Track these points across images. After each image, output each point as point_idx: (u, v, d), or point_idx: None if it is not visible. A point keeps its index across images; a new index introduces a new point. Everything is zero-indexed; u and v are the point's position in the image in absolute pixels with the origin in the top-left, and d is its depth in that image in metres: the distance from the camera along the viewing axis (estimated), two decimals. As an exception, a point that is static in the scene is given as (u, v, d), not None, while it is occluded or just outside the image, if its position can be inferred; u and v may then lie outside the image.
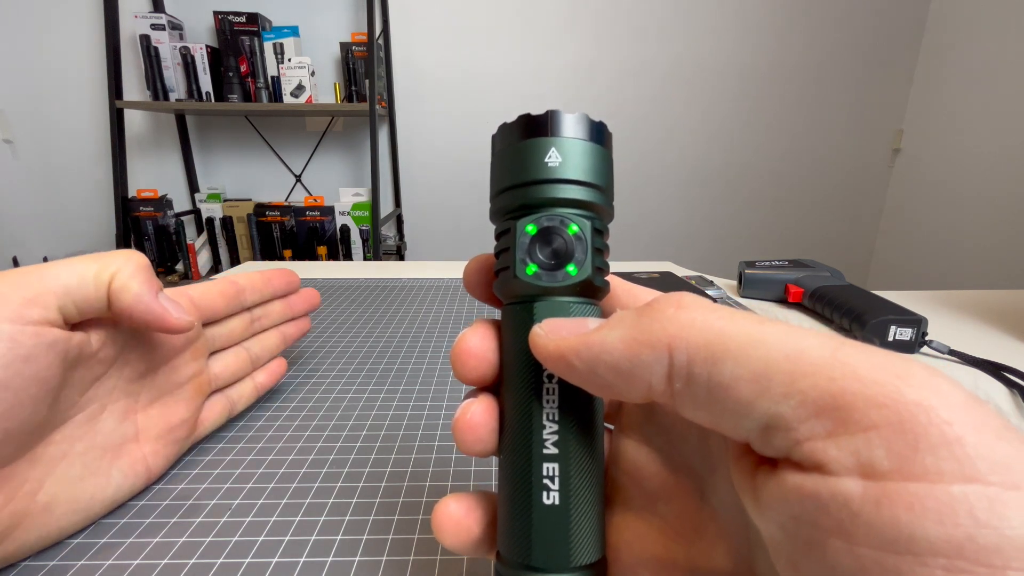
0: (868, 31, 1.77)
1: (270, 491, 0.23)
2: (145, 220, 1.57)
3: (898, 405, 0.07)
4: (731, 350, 0.09)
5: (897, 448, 0.07)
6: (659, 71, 1.77)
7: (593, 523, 0.12)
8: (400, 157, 1.80)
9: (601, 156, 0.13)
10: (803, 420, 0.08)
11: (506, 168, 0.13)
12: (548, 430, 0.12)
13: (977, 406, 0.07)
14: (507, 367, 0.13)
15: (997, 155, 1.54)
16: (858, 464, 0.07)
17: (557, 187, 0.12)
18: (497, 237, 0.14)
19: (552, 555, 0.12)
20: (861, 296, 0.42)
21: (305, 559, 0.19)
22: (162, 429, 0.22)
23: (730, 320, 0.09)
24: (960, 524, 0.06)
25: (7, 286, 0.17)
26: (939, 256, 1.74)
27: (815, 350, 0.08)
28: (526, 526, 0.12)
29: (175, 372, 0.23)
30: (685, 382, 0.10)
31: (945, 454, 0.07)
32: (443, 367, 0.36)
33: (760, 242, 1.99)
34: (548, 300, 0.12)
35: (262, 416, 0.29)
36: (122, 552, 0.19)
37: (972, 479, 0.06)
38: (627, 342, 0.10)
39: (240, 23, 1.51)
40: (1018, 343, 0.41)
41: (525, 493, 0.12)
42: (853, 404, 0.07)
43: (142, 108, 1.56)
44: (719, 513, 0.12)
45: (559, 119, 0.12)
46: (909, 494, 0.07)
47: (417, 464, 0.25)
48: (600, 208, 0.13)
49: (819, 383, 0.08)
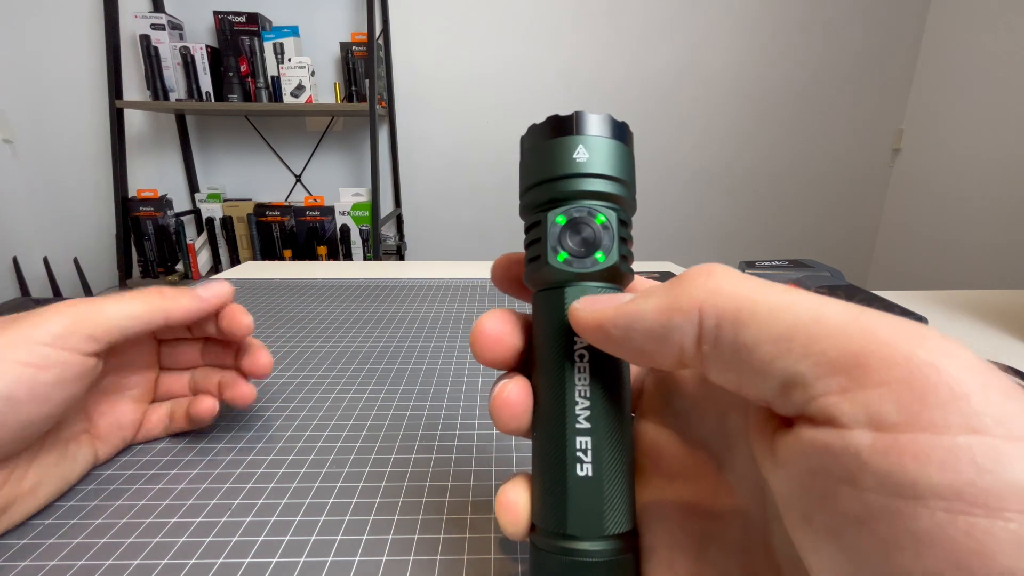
0: (868, 31, 1.77)
1: (270, 491, 0.23)
2: (145, 220, 1.57)
3: (910, 364, 0.07)
4: (757, 314, 0.09)
5: (906, 402, 0.07)
6: (659, 72, 1.77)
7: (624, 494, 0.13)
8: (400, 157, 1.80)
9: (624, 152, 0.14)
10: (820, 377, 0.08)
11: (536, 165, 0.14)
12: (580, 406, 0.13)
13: (986, 368, 0.08)
14: (539, 349, 0.14)
15: (997, 155, 1.54)
16: (868, 417, 0.08)
17: (585, 181, 0.13)
18: (527, 230, 0.15)
19: (587, 524, 0.13)
20: (861, 296, 0.42)
21: (305, 559, 0.19)
22: (111, 426, 0.25)
23: (757, 287, 0.10)
24: (962, 471, 0.07)
25: (72, 322, 0.20)
26: (939, 256, 1.74)
27: (837, 315, 0.09)
28: (562, 497, 0.13)
29: (126, 377, 0.26)
30: (713, 344, 0.10)
31: (952, 409, 0.07)
32: (443, 367, 0.36)
33: (760, 242, 1.99)
34: (578, 285, 0.13)
35: (262, 416, 0.29)
36: (122, 552, 0.19)
37: (976, 431, 0.07)
38: (660, 308, 0.11)
39: (240, 23, 1.51)
40: (1018, 343, 0.41)
41: (560, 466, 0.13)
42: (868, 363, 0.08)
43: (142, 108, 1.56)
44: (736, 490, 0.13)
45: (585, 119, 0.13)
46: (915, 444, 0.07)
47: (417, 464, 0.25)
48: (624, 200, 0.14)
49: (838, 343, 0.08)
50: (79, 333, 0.20)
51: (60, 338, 0.19)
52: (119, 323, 0.21)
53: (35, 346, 0.19)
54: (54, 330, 0.19)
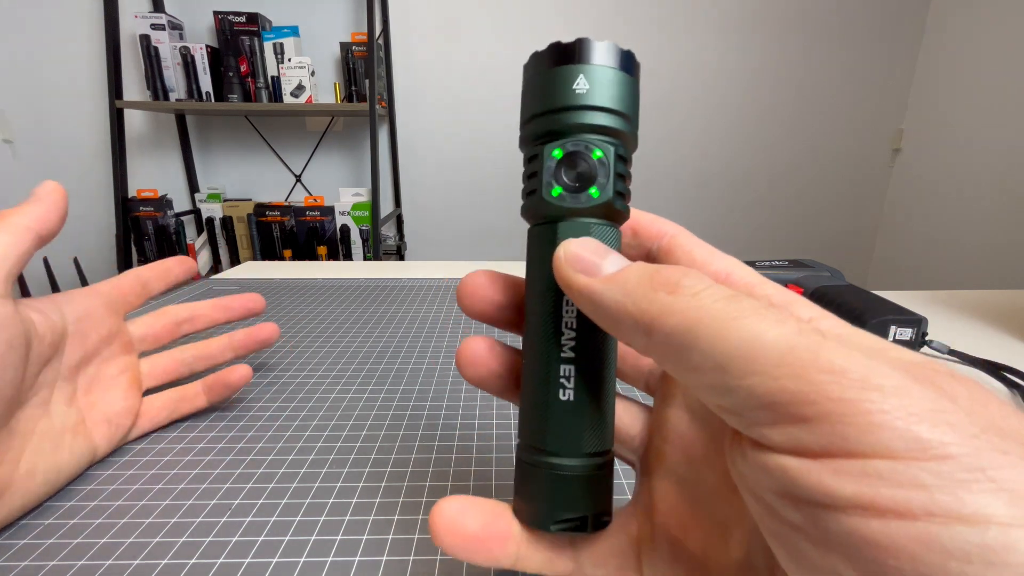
0: (868, 31, 1.77)
1: (270, 491, 0.23)
2: (145, 220, 1.57)
3: (826, 402, 0.08)
4: (701, 339, 0.10)
5: (826, 436, 0.08)
6: (659, 72, 1.77)
7: (601, 418, 0.14)
8: (400, 157, 1.80)
9: (628, 84, 0.13)
10: (751, 409, 0.09)
11: (535, 95, 0.14)
12: (566, 336, 0.14)
13: (906, 394, 0.08)
14: (531, 281, 0.14)
15: (997, 155, 1.54)
16: (793, 447, 0.09)
17: (583, 113, 0.13)
18: (526, 163, 0.15)
19: (566, 443, 0.14)
20: (861, 296, 0.42)
21: (305, 559, 0.19)
22: (104, 415, 0.25)
23: (708, 310, 0.10)
24: (871, 484, 0.08)
25: None
26: (939, 256, 1.74)
27: (767, 349, 0.09)
28: (544, 417, 0.14)
29: (107, 364, 0.26)
30: (659, 358, 0.11)
31: (864, 439, 0.08)
32: (443, 367, 0.36)
33: (760, 242, 1.99)
34: (571, 221, 0.13)
35: (262, 416, 0.29)
36: (122, 552, 0.19)
37: (886, 457, 0.08)
38: (617, 306, 0.11)
39: (240, 23, 1.51)
40: (1018, 343, 0.41)
41: (544, 389, 0.14)
42: (790, 400, 0.09)
43: (142, 108, 1.56)
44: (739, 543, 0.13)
45: (589, 46, 0.13)
46: (834, 465, 0.08)
47: (417, 464, 0.25)
48: (624, 135, 0.14)
49: (765, 381, 0.09)
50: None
51: None
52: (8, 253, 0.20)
53: None
54: None
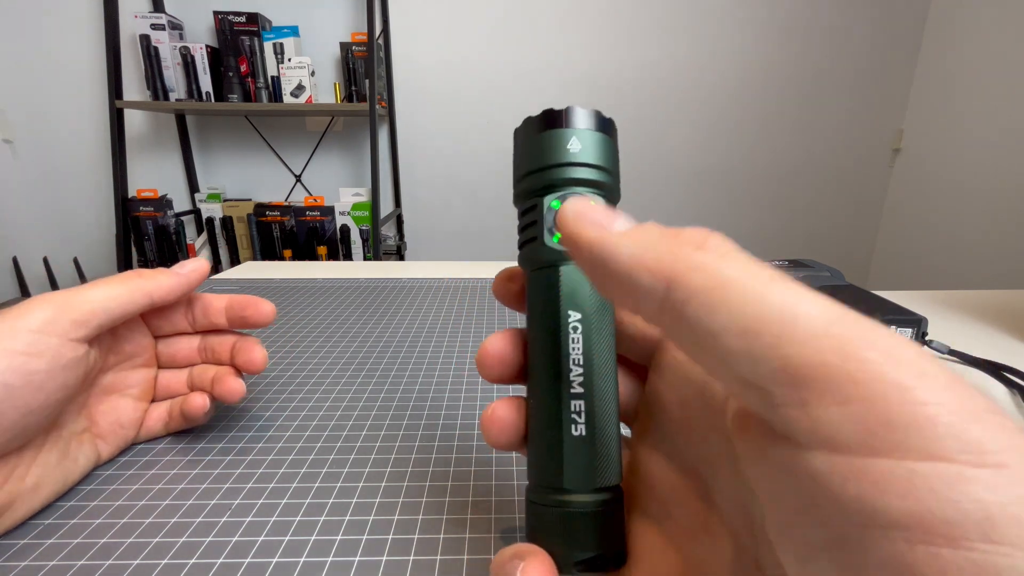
0: (868, 31, 1.77)
1: (270, 491, 0.23)
2: (145, 220, 1.57)
3: (874, 383, 0.07)
4: (729, 300, 0.09)
5: (866, 424, 0.07)
6: (659, 71, 1.77)
7: (612, 452, 0.14)
8: (400, 157, 1.80)
9: (611, 145, 0.15)
10: (780, 384, 0.08)
11: (531, 154, 0.15)
12: (575, 373, 0.14)
13: (959, 390, 0.07)
14: (536, 323, 0.15)
15: (997, 155, 1.54)
16: (825, 438, 0.07)
17: (577, 169, 0.15)
18: (522, 215, 0.16)
19: (581, 478, 0.14)
20: (861, 296, 0.42)
21: (305, 559, 0.19)
22: (113, 425, 0.25)
23: (740, 270, 0.09)
24: (921, 499, 0.06)
25: (56, 309, 0.20)
26: (939, 256, 1.74)
27: (810, 318, 0.08)
28: (558, 456, 0.14)
29: (126, 374, 0.26)
30: (675, 318, 0.10)
31: (913, 433, 0.07)
32: (443, 367, 0.36)
33: (760, 242, 1.98)
34: (571, 264, 0.14)
35: (262, 416, 0.29)
36: (122, 552, 0.19)
37: (937, 457, 0.07)
38: (634, 259, 0.10)
39: (240, 23, 1.51)
40: (1018, 343, 0.41)
41: (556, 427, 0.14)
42: (831, 377, 0.07)
43: (142, 108, 1.56)
44: (724, 512, 0.13)
45: (576, 113, 0.15)
46: (874, 469, 0.07)
47: (417, 464, 0.25)
48: (611, 187, 0.15)
49: (804, 351, 0.08)
50: (65, 319, 0.20)
51: (48, 324, 0.20)
52: (103, 305, 0.22)
53: (24, 334, 0.19)
54: (41, 316, 0.20)
